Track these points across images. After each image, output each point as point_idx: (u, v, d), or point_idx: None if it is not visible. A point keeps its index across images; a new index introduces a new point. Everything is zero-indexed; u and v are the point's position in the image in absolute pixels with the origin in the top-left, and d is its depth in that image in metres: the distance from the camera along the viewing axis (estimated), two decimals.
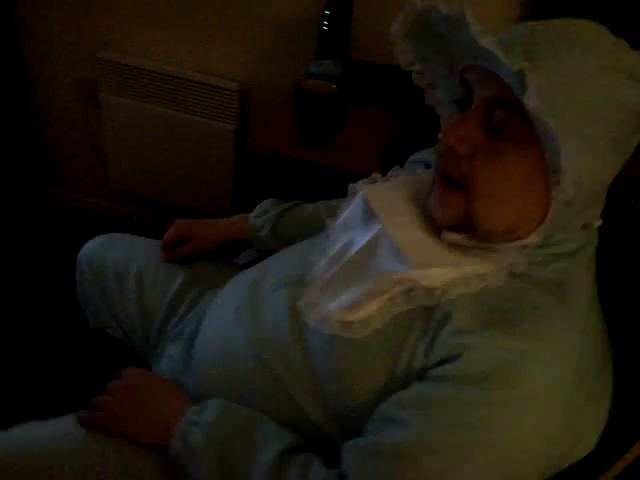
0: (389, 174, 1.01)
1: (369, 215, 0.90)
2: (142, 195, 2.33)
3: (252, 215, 1.24)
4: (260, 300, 0.92)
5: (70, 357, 1.22)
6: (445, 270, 0.78)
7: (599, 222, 0.82)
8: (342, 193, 1.22)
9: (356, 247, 0.87)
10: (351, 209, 0.95)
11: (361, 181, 1.00)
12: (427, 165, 1.01)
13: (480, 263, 0.79)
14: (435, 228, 0.84)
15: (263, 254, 1.22)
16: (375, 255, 0.84)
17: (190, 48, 2.04)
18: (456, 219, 0.79)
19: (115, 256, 1.22)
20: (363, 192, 0.94)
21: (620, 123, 0.72)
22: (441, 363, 0.73)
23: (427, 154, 1.04)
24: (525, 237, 0.78)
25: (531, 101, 0.65)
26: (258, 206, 1.25)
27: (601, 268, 0.83)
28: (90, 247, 1.28)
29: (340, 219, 0.96)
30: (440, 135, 0.81)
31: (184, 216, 1.26)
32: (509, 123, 0.73)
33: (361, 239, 0.88)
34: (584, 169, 0.69)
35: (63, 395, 1.08)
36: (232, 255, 1.33)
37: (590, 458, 0.76)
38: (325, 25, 1.76)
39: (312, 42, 1.84)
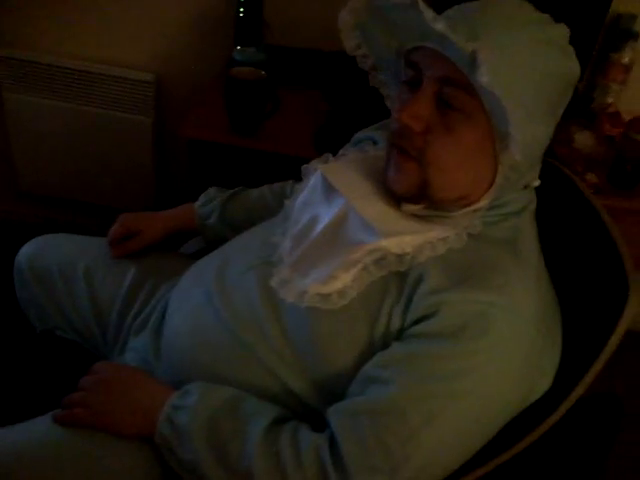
0: (339, 153, 1.05)
1: (330, 192, 0.94)
2: (59, 196, 2.26)
3: (198, 204, 1.24)
4: (229, 283, 0.94)
5: (23, 363, 1.19)
6: (412, 237, 0.84)
7: (537, 182, 0.90)
8: (276, 178, 1.26)
9: (322, 223, 0.91)
10: (310, 189, 0.98)
11: (314, 161, 1.03)
12: (374, 142, 1.06)
13: (441, 228, 0.85)
14: (395, 200, 0.89)
15: (210, 243, 1.24)
16: (343, 228, 0.88)
17: (99, 41, 2.00)
18: (413, 188, 0.85)
19: (58, 256, 1.20)
20: (320, 170, 0.97)
21: (554, 91, 0.81)
22: (417, 322, 0.78)
23: (372, 131, 1.08)
24: (477, 201, 0.85)
25: (483, 77, 0.71)
26: (202, 195, 1.25)
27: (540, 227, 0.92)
28: (28, 250, 1.24)
29: (299, 199, 0.99)
30: (394, 116, 0.86)
31: (104, 214, 1.24)
32: (458, 98, 0.79)
33: (325, 215, 0.91)
34: (527, 134, 0.77)
35: (27, 400, 1.06)
36: (178, 245, 1.33)
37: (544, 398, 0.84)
38: (241, 12, 1.77)
39: (227, 28, 1.85)
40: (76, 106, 2.05)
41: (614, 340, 0.84)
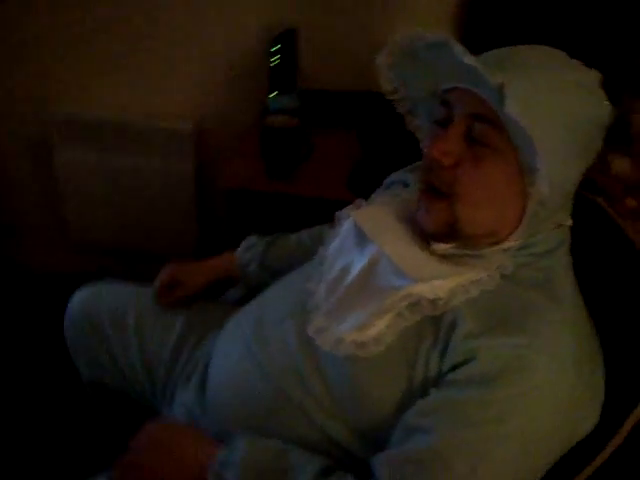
0: (371, 197, 1.07)
1: (362, 238, 0.96)
2: (108, 245, 2.33)
3: (239, 252, 1.28)
4: (267, 333, 0.96)
5: (75, 417, 1.22)
6: (444, 281, 0.84)
7: (570, 222, 0.90)
8: (313, 222, 1.28)
9: (355, 270, 0.92)
10: (343, 235, 1.00)
11: (347, 208, 1.05)
12: (405, 185, 1.07)
13: (473, 270, 0.86)
14: (425, 242, 0.91)
15: (252, 289, 1.26)
16: (375, 275, 0.90)
17: (142, 94, 2.07)
18: (442, 225, 0.86)
19: (109, 304, 1.23)
20: (352, 217, 0.99)
21: (583, 132, 0.82)
22: (455, 367, 0.79)
23: (403, 174, 1.10)
24: (506, 240, 0.86)
25: (510, 108, 0.73)
26: (243, 242, 1.29)
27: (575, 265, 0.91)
28: (81, 297, 1.28)
29: (333, 245, 1.01)
30: (424, 151, 0.89)
31: (151, 260, 1.27)
32: (488, 134, 0.81)
33: (358, 262, 0.93)
34: (554, 170, 0.77)
35: (84, 457, 1.08)
36: (222, 291, 1.36)
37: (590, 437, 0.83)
38: (274, 60, 1.82)
39: (261, 76, 1.90)
40: (120, 158, 2.10)
41: None
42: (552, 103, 0.79)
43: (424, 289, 0.84)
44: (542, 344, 0.77)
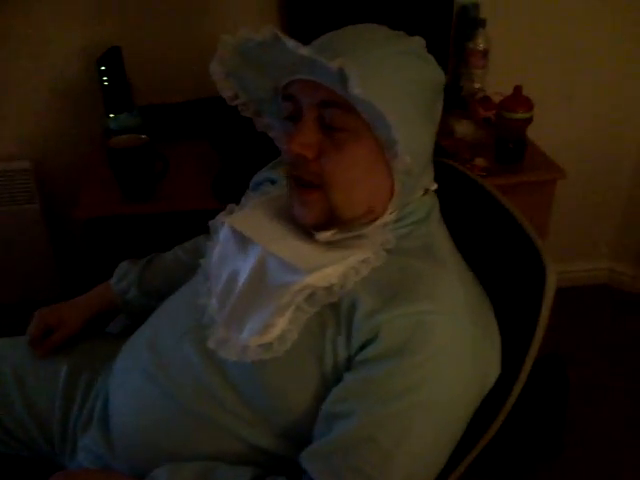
0: (242, 201, 1.06)
1: (243, 242, 0.94)
2: None
3: (113, 281, 1.21)
4: (164, 357, 0.93)
5: None
6: (334, 267, 0.85)
7: (434, 186, 0.94)
8: (185, 237, 1.25)
9: (243, 275, 0.91)
10: (222, 243, 0.98)
11: (219, 215, 1.03)
12: (272, 182, 1.07)
13: (359, 251, 0.87)
14: (307, 234, 0.91)
15: (135, 317, 1.21)
16: (266, 275, 0.88)
17: None
18: (321, 216, 0.87)
19: None
20: (227, 224, 0.98)
21: (425, 96, 0.86)
22: (362, 348, 0.80)
23: (267, 173, 1.10)
24: (383, 214, 0.88)
25: (355, 89, 0.75)
26: (116, 270, 1.22)
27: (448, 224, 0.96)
28: None
29: (214, 256, 0.98)
30: (284, 148, 0.89)
31: (14, 313, 1.18)
32: (340, 118, 0.82)
33: (245, 266, 0.92)
34: (411, 138, 0.81)
35: None
36: (103, 325, 1.29)
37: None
38: (105, 80, 1.76)
39: (94, 99, 1.83)
40: None
41: (545, 313, 0.88)
42: (392, 75, 0.82)
43: (317, 279, 0.84)
44: (436, 306, 0.79)
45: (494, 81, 1.92)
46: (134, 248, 1.42)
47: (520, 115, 1.58)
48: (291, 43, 0.77)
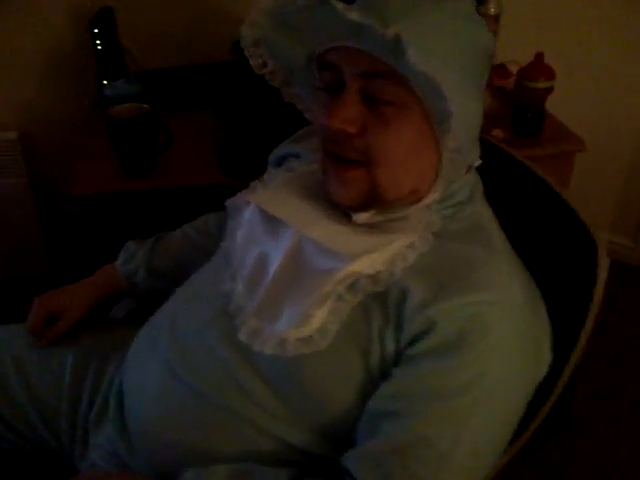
0: (264, 178, 0.98)
1: (272, 224, 0.87)
2: None
3: (119, 263, 1.13)
4: (186, 347, 0.85)
5: None
6: (379, 253, 0.78)
7: (479, 162, 0.87)
8: (191, 214, 1.17)
9: (275, 260, 0.83)
10: (247, 225, 0.90)
11: (240, 193, 0.95)
12: (297, 157, 0.99)
13: (402, 235, 0.80)
14: (342, 214, 0.84)
15: (143, 300, 1.14)
16: (302, 261, 0.81)
17: None
18: (361, 196, 0.80)
19: None
20: (254, 203, 0.90)
21: (478, 63, 0.78)
22: (414, 341, 0.73)
23: (289, 147, 1.02)
24: (427, 195, 0.81)
25: (414, 59, 0.67)
26: (122, 252, 1.14)
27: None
28: None
29: (238, 238, 0.91)
30: (320, 122, 0.80)
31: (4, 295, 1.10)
32: (387, 90, 0.75)
33: (275, 250, 0.84)
34: (463, 112, 0.73)
35: None
36: (106, 311, 1.21)
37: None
38: (98, 44, 1.64)
39: (83, 65, 1.72)
40: None
41: (599, 293, 0.85)
42: (447, 40, 0.74)
43: (362, 266, 0.77)
44: (492, 296, 0.74)
45: (505, 48, 1.83)
46: (135, 226, 1.35)
47: (542, 84, 1.51)
48: (340, 5, 0.68)
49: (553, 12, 1.92)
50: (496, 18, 1.81)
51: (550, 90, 1.53)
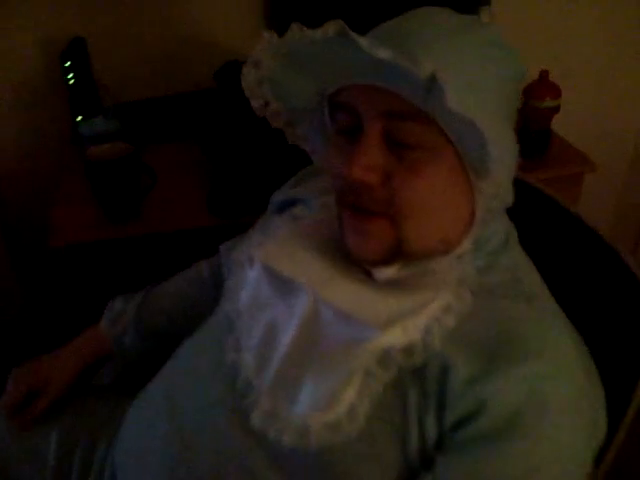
0: (266, 225, 0.87)
1: (282, 285, 0.76)
2: None
3: (106, 324, 1.01)
4: (189, 432, 0.74)
5: None
6: (412, 319, 0.67)
7: (511, 201, 0.77)
8: (180, 261, 1.07)
9: (289, 328, 0.72)
10: (252, 285, 0.79)
11: (242, 247, 0.84)
12: (301, 201, 0.88)
13: (432, 292, 0.70)
14: (361, 270, 0.74)
15: (130, 365, 1.04)
16: (320, 331, 0.70)
17: None
18: (384, 250, 0.70)
19: None
20: (260, 260, 0.79)
21: (510, 96, 0.70)
22: (461, 423, 0.63)
23: (292, 190, 0.91)
24: (458, 244, 0.72)
25: (452, 101, 0.57)
26: (106, 311, 1.02)
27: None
28: None
29: (242, 299, 0.79)
30: (338, 171, 0.70)
31: None
32: (414, 132, 0.65)
33: (289, 317, 0.73)
34: (503, 151, 0.64)
35: None
36: (89, 379, 1.09)
37: None
38: (71, 78, 1.53)
39: (54, 100, 1.60)
40: None
41: None
42: (482, 74, 0.66)
43: (395, 336, 0.66)
44: (548, 367, 0.64)
45: None
46: (119, 276, 1.23)
47: (547, 103, 1.42)
48: (364, 42, 0.58)
49: (557, 29, 1.85)
50: None
51: (556, 109, 1.44)
